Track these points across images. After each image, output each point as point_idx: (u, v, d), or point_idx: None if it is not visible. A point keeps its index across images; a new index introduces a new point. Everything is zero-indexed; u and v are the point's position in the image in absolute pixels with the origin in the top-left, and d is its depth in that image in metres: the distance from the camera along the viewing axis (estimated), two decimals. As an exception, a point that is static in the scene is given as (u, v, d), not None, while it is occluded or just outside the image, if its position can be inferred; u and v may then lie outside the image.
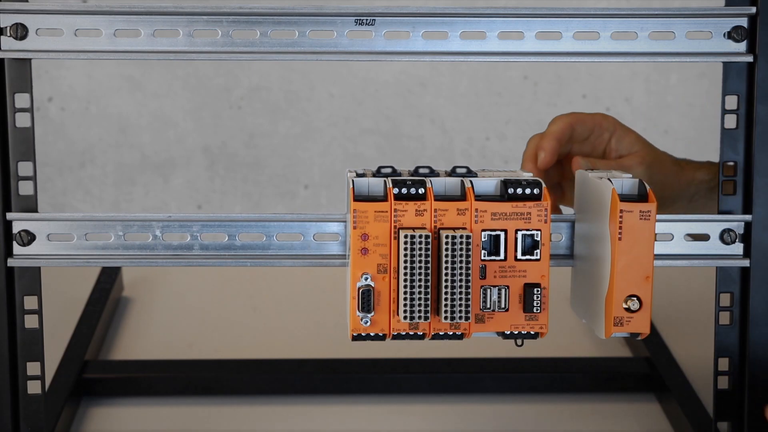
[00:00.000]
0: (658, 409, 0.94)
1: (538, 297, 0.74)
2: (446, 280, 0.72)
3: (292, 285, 1.18)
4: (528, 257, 0.74)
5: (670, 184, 0.94)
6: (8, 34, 0.76)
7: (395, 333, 0.74)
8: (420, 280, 0.72)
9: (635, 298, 0.74)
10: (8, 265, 0.78)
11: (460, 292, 0.72)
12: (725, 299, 0.82)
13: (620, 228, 0.74)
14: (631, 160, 0.93)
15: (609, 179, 0.75)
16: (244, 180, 2.15)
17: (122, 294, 1.16)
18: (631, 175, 0.76)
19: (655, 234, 0.74)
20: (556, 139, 0.91)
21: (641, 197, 0.75)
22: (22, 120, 0.77)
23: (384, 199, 0.74)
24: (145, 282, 1.19)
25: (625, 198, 0.74)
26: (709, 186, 0.95)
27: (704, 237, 0.81)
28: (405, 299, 0.72)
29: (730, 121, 0.80)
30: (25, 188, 0.78)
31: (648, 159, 0.93)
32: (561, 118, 0.92)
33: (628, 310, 0.74)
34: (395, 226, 0.73)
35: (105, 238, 0.79)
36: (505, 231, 0.74)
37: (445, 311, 0.72)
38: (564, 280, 0.83)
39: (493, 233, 0.74)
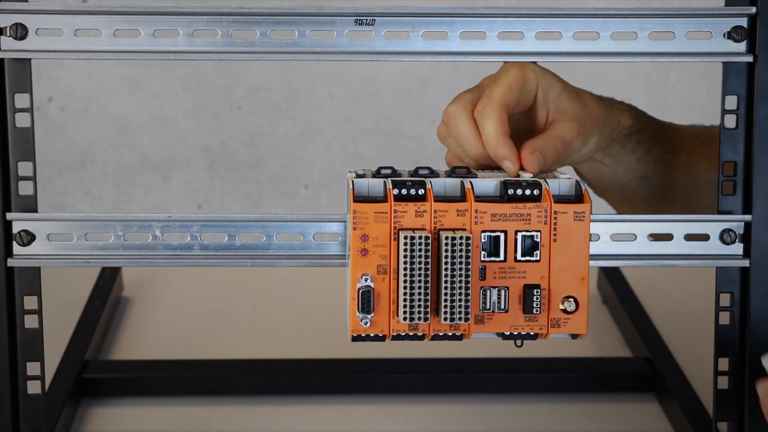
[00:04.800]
0: (658, 409, 0.94)
1: (537, 298, 0.74)
2: (446, 281, 0.72)
3: (292, 285, 1.18)
4: (528, 258, 0.74)
5: (597, 126, 0.84)
6: (8, 34, 0.76)
7: (395, 334, 0.74)
8: (420, 281, 0.72)
9: (571, 299, 0.74)
10: (8, 265, 0.78)
11: (460, 293, 0.72)
12: (725, 299, 0.82)
13: (554, 229, 0.74)
14: (564, 126, 0.81)
15: (545, 179, 0.75)
16: (244, 180, 2.15)
17: (122, 294, 1.16)
18: (568, 176, 0.76)
19: (590, 234, 0.74)
20: (506, 135, 0.77)
21: (577, 198, 0.75)
22: (22, 120, 0.77)
23: (384, 200, 0.74)
24: (145, 282, 1.19)
25: (560, 199, 0.74)
26: (629, 132, 0.87)
27: (704, 237, 0.81)
28: (405, 300, 0.72)
29: (730, 121, 0.80)
30: (25, 188, 0.78)
31: (578, 115, 0.82)
32: (490, 107, 0.78)
33: (564, 311, 0.74)
34: (395, 227, 0.73)
35: (105, 238, 0.79)
36: (505, 232, 0.74)
37: (445, 312, 0.72)
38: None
39: (493, 234, 0.74)
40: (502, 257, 0.74)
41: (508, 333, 0.75)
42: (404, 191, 0.73)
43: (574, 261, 0.74)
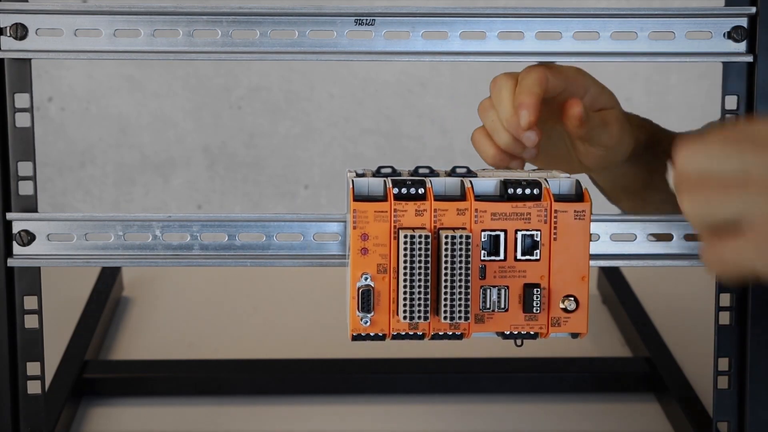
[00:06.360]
0: (658, 409, 0.94)
1: (537, 297, 0.74)
2: (446, 281, 0.72)
3: (292, 285, 1.18)
4: (528, 257, 0.74)
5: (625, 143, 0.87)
6: (8, 34, 0.76)
7: (395, 333, 0.74)
8: (420, 280, 0.72)
9: (572, 299, 0.74)
10: (8, 265, 0.78)
11: (460, 292, 0.72)
12: (725, 299, 0.82)
13: (555, 228, 0.74)
14: (611, 116, 0.84)
15: (545, 179, 0.75)
16: (244, 180, 2.15)
17: (122, 294, 1.16)
18: (568, 175, 0.76)
19: (590, 234, 0.74)
20: (536, 93, 0.80)
21: (577, 197, 0.75)
22: (22, 120, 0.77)
23: (384, 199, 0.74)
24: (145, 282, 1.19)
25: (560, 198, 0.74)
26: (645, 146, 0.89)
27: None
28: (405, 299, 0.72)
29: (730, 121, 0.80)
30: (25, 188, 0.78)
31: (622, 118, 0.86)
32: (535, 69, 0.81)
33: (565, 310, 0.74)
34: (395, 226, 0.73)
35: (105, 238, 0.79)
36: (505, 231, 0.74)
37: (445, 311, 0.72)
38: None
39: (493, 233, 0.74)
40: (502, 256, 0.74)
41: (508, 332, 0.75)
42: (404, 190, 0.73)
43: (575, 260, 0.74)
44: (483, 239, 0.74)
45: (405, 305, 0.72)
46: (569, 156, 0.87)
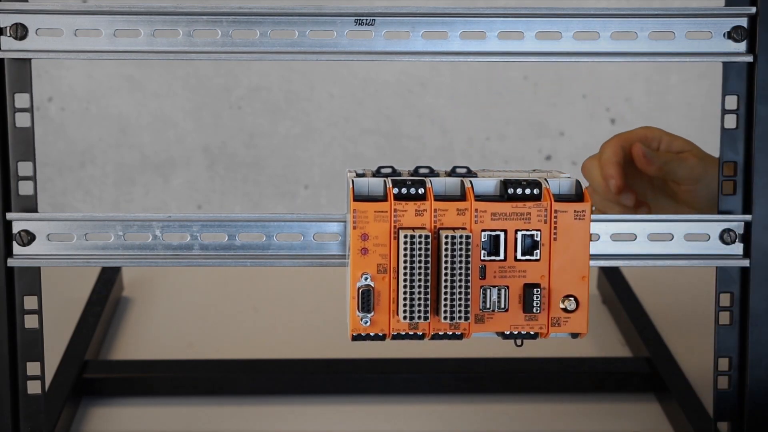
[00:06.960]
0: (658, 409, 0.94)
1: (537, 297, 0.74)
2: (446, 280, 0.72)
3: (292, 285, 1.18)
4: (528, 257, 0.74)
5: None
6: (8, 34, 0.76)
7: (395, 333, 0.74)
8: (420, 280, 0.72)
9: (572, 298, 0.74)
10: (8, 265, 0.78)
11: (460, 292, 0.72)
12: (725, 299, 0.82)
13: (555, 228, 0.74)
14: (687, 153, 0.93)
15: (545, 179, 0.75)
16: (244, 180, 2.15)
17: (122, 294, 1.16)
18: (568, 175, 0.76)
19: (590, 234, 0.74)
20: (615, 162, 0.91)
21: (577, 197, 0.75)
22: (22, 120, 0.77)
23: (384, 199, 0.74)
24: (145, 282, 1.19)
25: (560, 198, 0.74)
26: None
27: (704, 237, 0.81)
28: (405, 299, 0.72)
29: (730, 121, 0.80)
30: (25, 188, 0.78)
31: (702, 155, 0.94)
32: (608, 143, 0.93)
33: (565, 310, 0.75)
34: (395, 226, 0.73)
35: (105, 238, 0.79)
36: (505, 231, 0.74)
37: (445, 311, 0.72)
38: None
39: (493, 233, 0.74)
40: (502, 256, 0.74)
41: (508, 332, 0.75)
42: (404, 190, 0.73)
43: (575, 260, 0.74)
44: (483, 239, 0.74)
45: (405, 305, 0.72)
46: (676, 205, 0.94)
